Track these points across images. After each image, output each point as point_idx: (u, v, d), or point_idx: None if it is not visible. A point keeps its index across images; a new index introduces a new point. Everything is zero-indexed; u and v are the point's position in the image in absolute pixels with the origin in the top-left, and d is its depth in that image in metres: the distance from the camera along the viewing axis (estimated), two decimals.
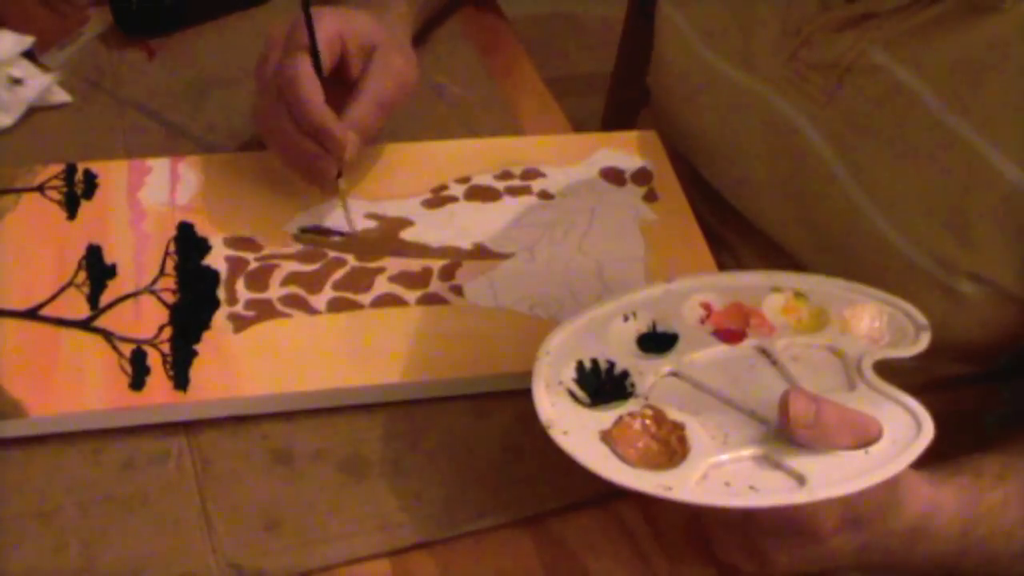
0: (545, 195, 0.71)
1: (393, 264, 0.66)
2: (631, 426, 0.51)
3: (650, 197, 0.72)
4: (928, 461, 0.53)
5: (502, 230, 0.69)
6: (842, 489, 0.47)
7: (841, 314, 0.55)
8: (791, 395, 0.48)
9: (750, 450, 0.50)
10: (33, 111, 0.75)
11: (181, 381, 0.58)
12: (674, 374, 0.54)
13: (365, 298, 0.64)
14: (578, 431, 0.50)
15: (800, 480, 0.48)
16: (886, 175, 0.63)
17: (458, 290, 0.65)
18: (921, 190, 0.61)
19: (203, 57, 0.81)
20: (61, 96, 0.76)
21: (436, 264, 0.66)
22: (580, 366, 0.54)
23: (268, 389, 0.58)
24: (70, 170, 0.69)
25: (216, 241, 0.66)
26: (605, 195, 0.72)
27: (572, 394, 0.53)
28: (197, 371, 0.58)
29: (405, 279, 0.65)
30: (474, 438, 0.59)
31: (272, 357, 0.60)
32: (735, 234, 0.76)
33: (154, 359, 0.59)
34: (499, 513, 0.56)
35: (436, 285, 0.65)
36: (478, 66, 0.83)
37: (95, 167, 0.69)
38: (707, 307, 0.57)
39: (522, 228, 0.69)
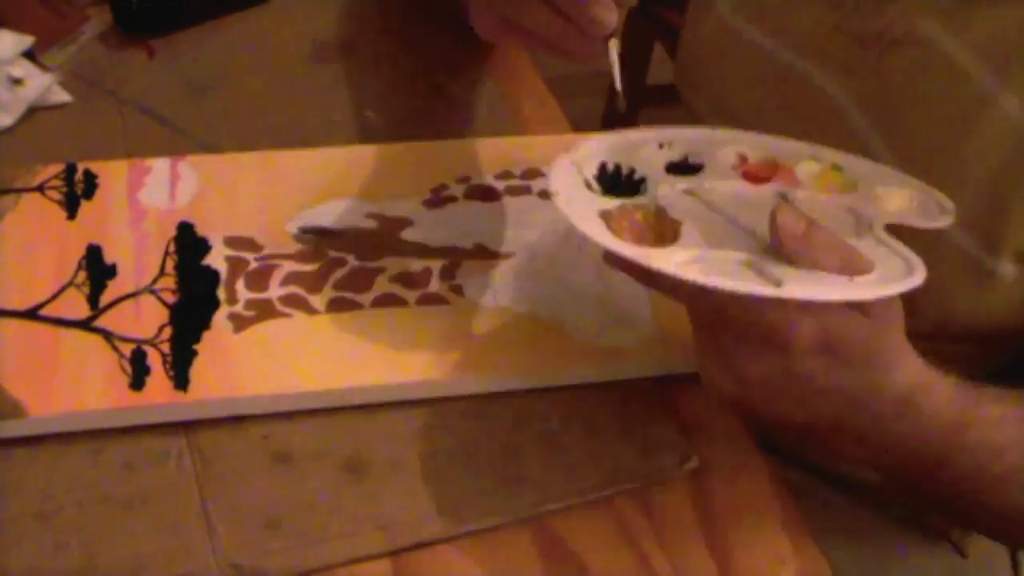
0: (545, 195, 0.71)
1: (393, 264, 0.66)
2: (632, 213, 0.51)
3: None
4: None
5: (502, 230, 0.69)
6: (813, 293, 0.46)
7: (873, 191, 0.55)
8: (782, 206, 0.47)
9: (736, 254, 0.49)
10: (33, 111, 0.75)
11: (181, 381, 0.58)
12: (689, 193, 0.54)
13: (365, 298, 0.64)
14: (580, 204, 0.51)
15: (777, 284, 0.47)
16: (926, 150, 0.62)
17: (458, 290, 0.65)
18: (962, 166, 0.60)
19: (203, 57, 0.81)
20: (61, 96, 0.76)
21: (436, 264, 0.66)
22: (603, 166, 0.54)
23: (268, 389, 0.58)
24: (70, 170, 0.69)
25: (216, 241, 0.66)
26: None
27: (587, 184, 0.53)
28: (197, 371, 0.58)
29: (405, 279, 0.65)
30: (474, 438, 0.59)
31: (272, 357, 0.60)
32: None
33: (154, 359, 0.59)
34: (499, 513, 0.56)
35: (436, 285, 0.65)
36: (478, 66, 0.83)
37: (95, 167, 0.69)
38: (743, 157, 0.56)
39: (522, 228, 0.69)
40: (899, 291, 0.48)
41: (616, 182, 0.54)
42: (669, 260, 0.48)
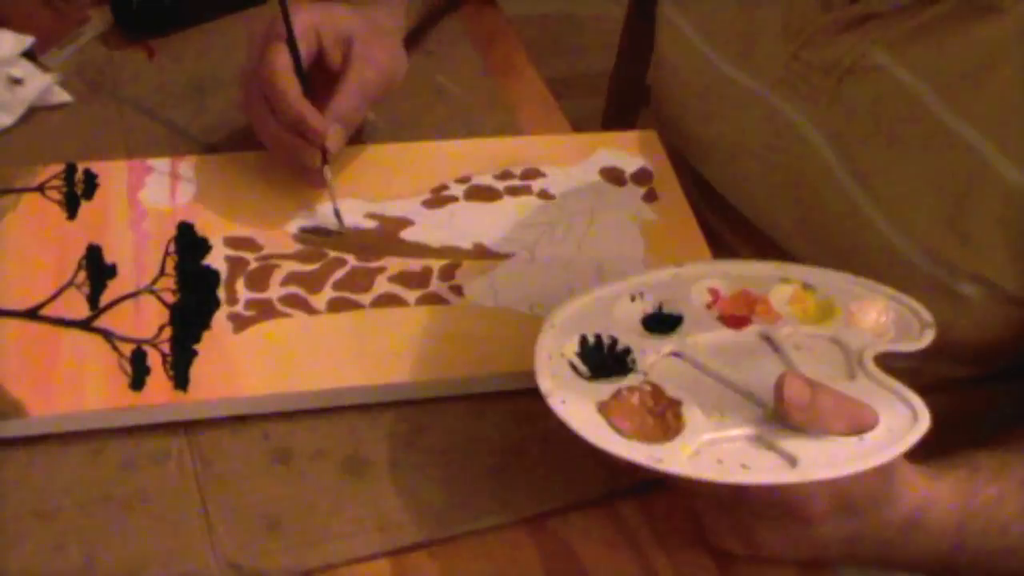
0: (545, 195, 0.71)
1: (393, 264, 0.66)
2: (628, 399, 0.51)
3: (650, 197, 0.72)
4: (925, 462, 0.54)
5: (502, 230, 0.69)
6: (834, 472, 0.47)
7: (847, 307, 0.55)
8: (787, 376, 0.48)
9: (744, 430, 0.50)
10: (33, 111, 0.75)
11: (181, 381, 0.58)
12: (676, 355, 0.54)
13: (365, 298, 0.64)
14: (575, 401, 0.51)
15: (792, 461, 0.48)
16: (887, 176, 0.63)
17: (458, 290, 0.65)
18: (922, 191, 0.61)
19: (203, 57, 0.81)
20: (61, 96, 0.76)
21: (436, 264, 0.66)
22: (583, 340, 0.54)
23: (268, 389, 0.58)
24: (70, 170, 0.69)
25: (216, 241, 0.66)
26: (605, 195, 0.72)
27: (573, 366, 0.53)
28: (197, 371, 0.58)
29: (405, 279, 0.65)
30: (474, 438, 0.59)
31: (272, 357, 0.60)
32: (735, 235, 0.76)
33: (154, 359, 0.59)
34: (499, 513, 0.56)
35: (436, 285, 0.65)
36: (478, 66, 0.83)
37: (95, 167, 0.69)
38: (715, 293, 0.57)
39: (522, 228, 0.69)
40: (910, 445, 0.49)
41: (601, 359, 0.54)
42: (681, 457, 0.48)
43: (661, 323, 0.56)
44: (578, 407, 0.51)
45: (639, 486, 0.57)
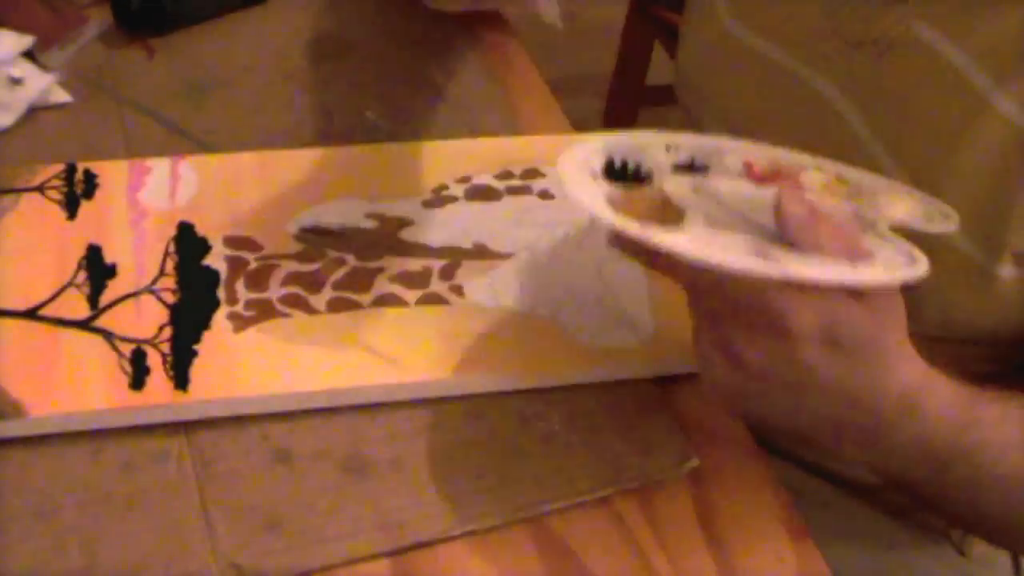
0: (545, 195, 0.71)
1: (393, 264, 0.66)
2: (636, 200, 0.51)
3: None
4: None
5: (502, 230, 0.69)
6: (817, 274, 0.46)
7: (875, 199, 0.55)
8: (786, 192, 0.47)
9: (741, 237, 0.49)
10: (33, 111, 0.75)
11: (181, 381, 0.58)
12: (695, 190, 0.54)
13: (365, 298, 0.64)
14: (586, 188, 0.51)
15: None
16: (925, 155, 0.62)
17: (458, 290, 0.65)
18: (962, 169, 0.60)
19: (203, 57, 0.81)
20: (61, 96, 0.76)
21: (436, 264, 0.66)
22: (610, 161, 0.54)
23: (268, 389, 0.58)
24: (70, 170, 0.69)
25: (216, 241, 0.66)
26: None
27: (594, 176, 0.53)
28: (197, 371, 0.58)
29: (405, 279, 0.65)
30: (474, 438, 0.59)
31: (272, 357, 0.60)
32: None
33: (154, 359, 0.59)
34: (499, 513, 0.56)
35: (436, 285, 0.65)
36: (478, 66, 0.83)
37: (95, 167, 0.69)
38: (748, 165, 0.56)
39: (522, 228, 0.69)
40: (904, 279, 0.48)
41: (622, 176, 0.54)
42: (674, 240, 0.48)
43: (690, 172, 0.55)
44: (588, 192, 0.50)
45: (639, 486, 0.58)
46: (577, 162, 0.53)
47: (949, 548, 0.78)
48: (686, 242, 0.48)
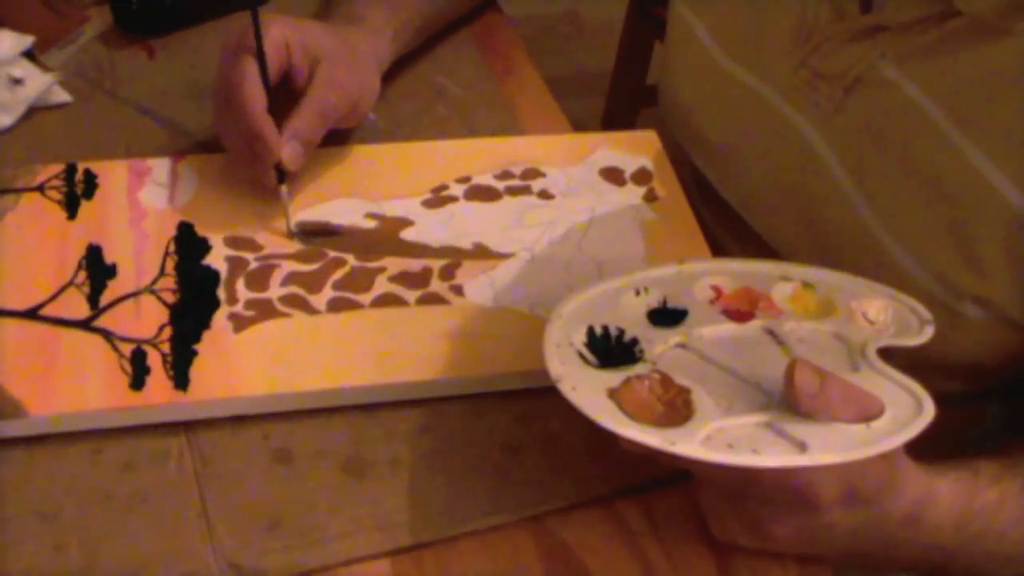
0: (545, 195, 0.71)
1: (393, 264, 0.66)
2: (638, 387, 0.51)
3: (650, 197, 0.72)
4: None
5: (502, 230, 0.69)
6: (844, 456, 0.48)
7: (848, 305, 0.56)
8: (797, 363, 0.48)
9: (754, 417, 0.50)
10: (33, 111, 0.75)
11: (181, 381, 0.58)
12: (682, 346, 0.54)
13: (365, 298, 0.64)
14: (586, 387, 0.51)
15: (802, 447, 0.48)
16: (892, 191, 0.63)
17: (458, 290, 0.65)
18: (926, 209, 0.61)
19: (203, 57, 0.81)
20: (61, 96, 0.76)
21: (436, 264, 0.66)
22: (591, 331, 0.55)
23: (268, 389, 0.58)
24: (70, 170, 0.69)
25: (216, 241, 0.66)
26: (605, 195, 0.72)
27: (582, 356, 0.53)
28: (197, 371, 0.58)
29: (405, 279, 0.65)
30: (474, 438, 0.59)
31: (272, 357, 0.60)
32: (734, 240, 0.76)
33: (154, 359, 0.59)
34: (499, 513, 0.56)
35: (436, 285, 0.65)
36: (478, 66, 0.83)
37: (95, 167, 0.69)
38: (717, 290, 0.57)
39: (522, 228, 0.69)
40: (917, 432, 0.49)
41: (609, 349, 0.54)
42: (693, 440, 0.49)
43: (666, 317, 0.56)
44: (589, 393, 0.51)
45: (639, 486, 0.58)
46: (560, 347, 0.53)
47: None
48: (707, 441, 0.49)
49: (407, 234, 0.68)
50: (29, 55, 0.77)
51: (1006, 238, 0.58)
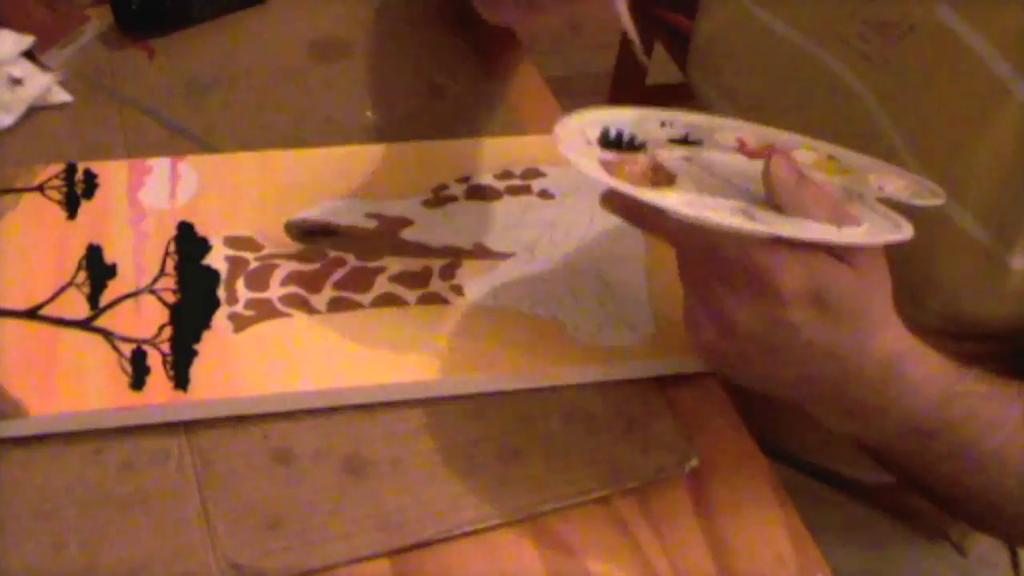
0: (545, 195, 0.71)
1: (393, 264, 0.66)
2: (630, 164, 0.53)
3: None
4: None
5: (502, 230, 0.69)
6: (806, 233, 0.47)
7: (867, 177, 0.55)
8: (775, 156, 0.48)
9: (731, 202, 0.50)
10: (33, 111, 0.75)
11: (181, 381, 0.58)
12: (688, 159, 0.55)
13: (365, 298, 0.64)
14: (582, 156, 0.52)
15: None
16: (943, 141, 0.62)
17: (458, 290, 0.65)
18: (977, 155, 0.60)
19: (203, 57, 0.81)
20: (61, 96, 0.76)
21: (436, 264, 0.66)
22: (606, 131, 0.55)
23: (268, 389, 0.58)
24: (70, 170, 0.69)
25: (216, 241, 0.66)
26: None
27: (588, 143, 0.54)
28: (197, 371, 0.58)
29: (405, 279, 0.65)
30: (474, 438, 0.59)
31: (272, 357, 0.60)
32: None
33: (154, 359, 0.59)
34: (499, 513, 0.56)
35: (436, 285, 0.65)
36: (478, 66, 0.83)
37: (95, 167, 0.69)
38: (741, 141, 0.57)
39: (522, 228, 0.69)
40: (889, 241, 0.49)
41: (617, 144, 0.55)
42: (663, 198, 0.49)
43: (684, 144, 0.56)
44: (583, 156, 0.52)
45: (639, 486, 0.58)
46: (573, 129, 0.54)
47: (949, 548, 0.78)
48: (676, 201, 0.49)
49: (407, 234, 0.68)
50: (29, 55, 0.77)
51: None
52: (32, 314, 0.61)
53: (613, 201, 0.52)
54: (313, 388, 0.59)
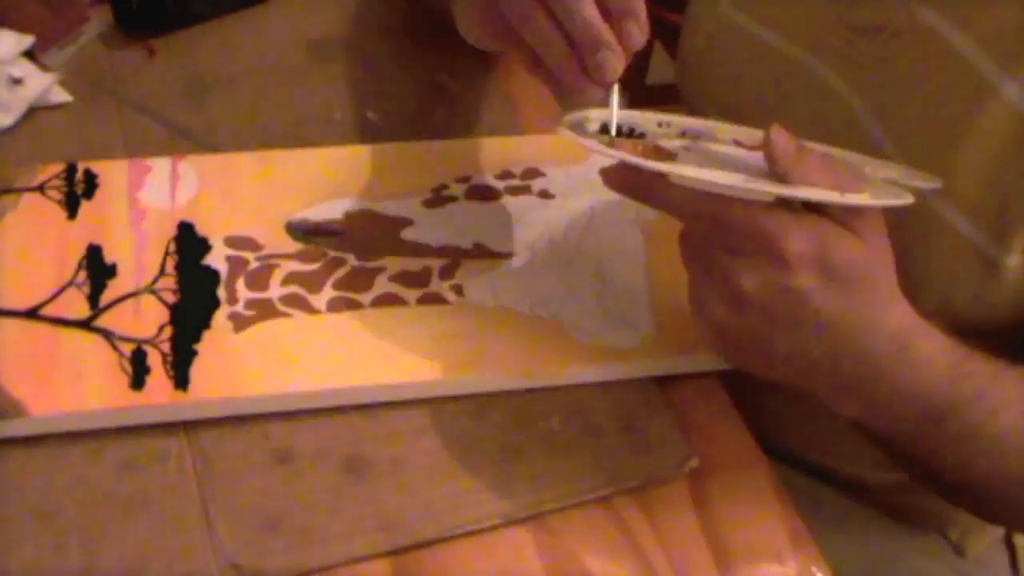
0: (545, 194, 0.71)
1: (393, 264, 0.66)
2: (629, 144, 0.54)
3: None
4: None
5: (502, 230, 0.69)
6: (807, 193, 0.48)
7: (862, 170, 0.56)
8: (774, 125, 0.48)
9: (732, 175, 0.50)
10: (33, 111, 0.75)
11: (181, 381, 0.58)
12: (687, 149, 0.55)
13: (365, 298, 0.64)
14: (585, 136, 0.53)
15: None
16: (930, 141, 0.62)
17: (458, 290, 0.65)
18: (967, 155, 0.60)
19: (203, 57, 0.81)
20: (61, 96, 0.76)
21: (436, 264, 0.66)
22: (605, 125, 0.56)
23: (268, 389, 0.58)
24: (70, 170, 0.69)
25: (216, 241, 0.66)
26: (605, 194, 0.71)
27: (589, 134, 0.55)
28: (197, 371, 0.58)
29: (405, 279, 0.65)
30: (474, 438, 0.59)
31: (272, 357, 0.60)
32: None
33: (154, 359, 0.59)
34: (499, 513, 0.56)
35: (436, 285, 0.65)
36: (478, 65, 0.83)
37: (95, 167, 0.69)
38: (737, 143, 0.58)
39: (522, 228, 0.69)
40: (891, 204, 0.50)
41: (617, 136, 0.56)
42: (669, 165, 0.50)
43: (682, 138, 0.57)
44: (587, 139, 0.53)
45: (639, 486, 0.58)
46: (573, 122, 0.56)
47: (948, 548, 0.78)
48: (681, 167, 0.50)
49: (407, 234, 0.68)
50: (29, 55, 0.77)
51: None
52: (32, 314, 0.60)
53: (615, 176, 0.52)
54: (313, 388, 0.59)
